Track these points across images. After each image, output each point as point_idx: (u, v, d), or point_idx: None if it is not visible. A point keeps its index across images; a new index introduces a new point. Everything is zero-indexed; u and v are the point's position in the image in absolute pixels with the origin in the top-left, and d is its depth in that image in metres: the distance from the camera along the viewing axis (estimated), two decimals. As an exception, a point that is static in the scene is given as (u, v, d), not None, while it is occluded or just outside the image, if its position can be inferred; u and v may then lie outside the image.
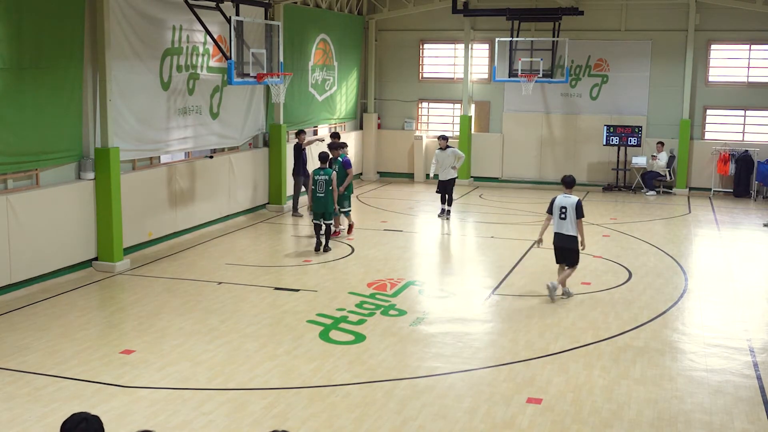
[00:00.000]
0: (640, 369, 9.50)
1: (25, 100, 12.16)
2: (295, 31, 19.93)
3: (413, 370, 9.44)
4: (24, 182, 12.59)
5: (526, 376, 9.22)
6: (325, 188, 14.98)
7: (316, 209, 15.12)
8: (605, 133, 22.84)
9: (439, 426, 7.94)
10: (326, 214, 15.08)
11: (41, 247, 12.55)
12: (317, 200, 15.05)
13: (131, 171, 14.76)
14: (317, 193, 15.04)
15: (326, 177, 15.00)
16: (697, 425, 8.06)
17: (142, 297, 12.31)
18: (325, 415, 8.15)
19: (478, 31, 23.94)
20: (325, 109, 22.35)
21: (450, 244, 16.58)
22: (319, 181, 15.02)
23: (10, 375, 9.14)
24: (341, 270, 14.20)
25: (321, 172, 15.05)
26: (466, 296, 12.67)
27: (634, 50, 22.85)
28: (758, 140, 22.25)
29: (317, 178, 15.05)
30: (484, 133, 24.33)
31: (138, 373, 9.22)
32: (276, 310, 11.69)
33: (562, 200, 12.19)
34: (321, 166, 15.21)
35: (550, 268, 14.21)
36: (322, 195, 14.99)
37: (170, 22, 15.31)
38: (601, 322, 11.25)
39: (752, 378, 9.28)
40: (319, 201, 15.03)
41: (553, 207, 12.27)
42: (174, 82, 15.54)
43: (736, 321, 11.54)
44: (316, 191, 15.05)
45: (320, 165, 15.25)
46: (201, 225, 16.84)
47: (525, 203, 20.80)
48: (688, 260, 15.04)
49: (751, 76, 22.25)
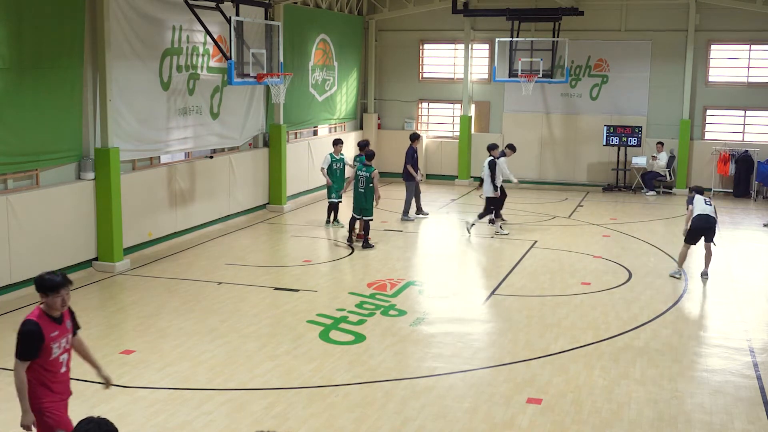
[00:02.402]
0: (640, 369, 9.50)
1: (25, 100, 12.16)
2: (295, 31, 19.94)
3: (413, 371, 9.44)
4: (24, 182, 12.59)
5: (526, 376, 9.22)
6: (365, 184, 15.48)
7: (355, 204, 15.70)
8: (605, 133, 22.84)
9: (439, 426, 7.94)
10: (364, 210, 15.51)
11: (41, 247, 12.54)
12: (357, 195, 15.58)
13: (131, 171, 14.76)
14: (358, 188, 15.59)
15: (367, 174, 15.53)
16: (697, 425, 8.06)
17: (142, 297, 12.32)
18: (325, 415, 8.15)
19: (478, 31, 23.95)
20: (325, 109, 22.35)
21: (450, 245, 16.58)
22: (360, 177, 15.56)
23: (10, 375, 9.10)
24: (341, 270, 14.20)
25: (363, 169, 15.63)
26: (466, 296, 12.68)
27: (634, 50, 22.85)
28: (758, 140, 22.26)
29: (359, 174, 15.62)
30: (484, 133, 24.32)
31: (138, 373, 9.22)
32: (276, 310, 11.69)
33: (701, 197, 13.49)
34: (365, 162, 15.77)
35: (550, 267, 14.24)
36: (363, 191, 15.51)
37: (170, 22, 15.31)
38: (601, 322, 11.25)
39: (752, 378, 9.29)
40: (360, 196, 15.54)
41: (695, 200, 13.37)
42: (174, 82, 15.54)
43: (736, 321, 11.54)
44: (357, 186, 15.58)
45: (365, 162, 15.80)
46: (201, 225, 16.84)
47: (525, 203, 20.79)
48: (688, 260, 15.01)
49: (751, 76, 22.24)
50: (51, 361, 6.07)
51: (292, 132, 20.65)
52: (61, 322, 6.16)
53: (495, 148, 17.26)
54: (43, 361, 6.02)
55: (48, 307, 6.06)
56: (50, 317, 6.06)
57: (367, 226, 15.59)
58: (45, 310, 6.07)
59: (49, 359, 6.05)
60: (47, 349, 6.01)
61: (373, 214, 15.71)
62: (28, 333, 5.96)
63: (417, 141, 18.96)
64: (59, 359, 6.15)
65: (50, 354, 6.04)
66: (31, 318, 6.02)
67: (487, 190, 16.90)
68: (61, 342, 6.13)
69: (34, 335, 5.96)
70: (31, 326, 5.97)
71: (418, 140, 19.10)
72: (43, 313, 6.05)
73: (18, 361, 6.00)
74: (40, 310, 6.06)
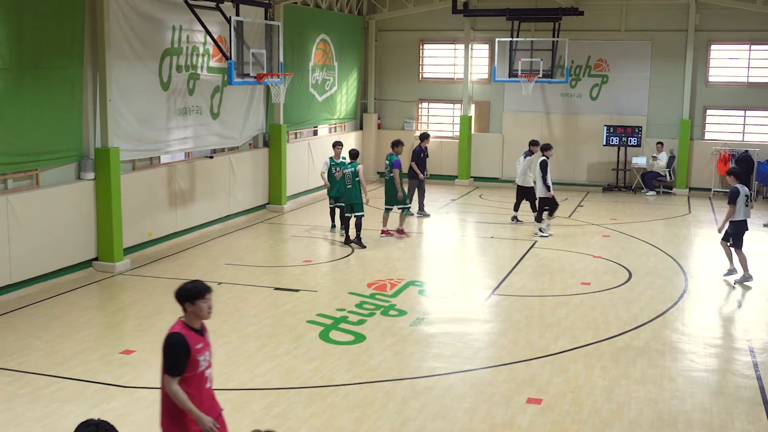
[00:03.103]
0: (640, 369, 9.50)
1: (25, 100, 12.16)
2: (295, 31, 19.94)
3: (413, 371, 9.44)
4: (24, 182, 12.59)
5: (526, 376, 9.22)
6: (353, 180, 15.62)
7: (345, 201, 15.84)
8: (605, 133, 22.84)
9: (439, 426, 7.94)
10: (355, 205, 15.65)
11: (41, 247, 12.54)
12: (346, 192, 15.72)
13: (131, 171, 14.76)
14: (346, 185, 15.73)
15: (352, 169, 15.69)
16: (697, 425, 8.06)
17: (142, 297, 12.31)
18: (325, 415, 8.15)
19: (478, 31, 23.94)
20: (325, 109, 22.35)
21: (450, 244, 16.58)
22: (347, 174, 15.72)
23: (10, 375, 9.14)
24: (341, 270, 14.20)
25: (348, 166, 15.80)
26: (466, 296, 12.68)
27: (634, 50, 22.84)
28: (758, 140, 22.25)
29: (345, 171, 15.77)
30: (484, 134, 24.32)
31: (138, 373, 9.22)
32: (276, 310, 11.69)
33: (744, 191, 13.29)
34: (350, 161, 15.95)
35: (550, 267, 14.24)
36: (350, 186, 15.66)
37: (170, 22, 15.31)
38: (601, 322, 11.25)
39: (752, 378, 9.29)
40: (348, 192, 15.68)
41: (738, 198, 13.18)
42: (174, 82, 15.54)
43: (736, 321, 11.54)
44: (345, 183, 15.76)
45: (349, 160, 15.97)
46: (201, 225, 16.84)
47: (525, 203, 20.76)
48: (688, 260, 15.04)
49: (751, 76, 22.23)
50: (197, 375, 5.71)
51: (292, 132, 20.65)
52: (203, 333, 5.85)
53: (549, 148, 17.09)
54: (189, 376, 5.65)
55: (193, 316, 5.76)
56: (192, 329, 5.75)
57: (359, 223, 15.63)
58: (186, 321, 5.77)
59: (196, 373, 5.69)
60: (194, 362, 5.66)
61: (363, 209, 15.75)
62: (176, 345, 5.62)
63: (426, 140, 19.04)
64: (205, 374, 5.78)
65: (197, 367, 5.69)
66: (175, 330, 5.69)
67: (540, 190, 16.80)
68: (206, 355, 5.80)
69: (182, 347, 5.61)
70: (177, 338, 5.63)
71: (427, 140, 19.16)
72: (185, 325, 5.74)
73: (168, 377, 5.61)
74: (181, 323, 5.77)
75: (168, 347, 5.64)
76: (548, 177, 16.66)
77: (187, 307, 5.77)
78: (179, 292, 5.78)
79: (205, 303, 5.76)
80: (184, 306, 5.78)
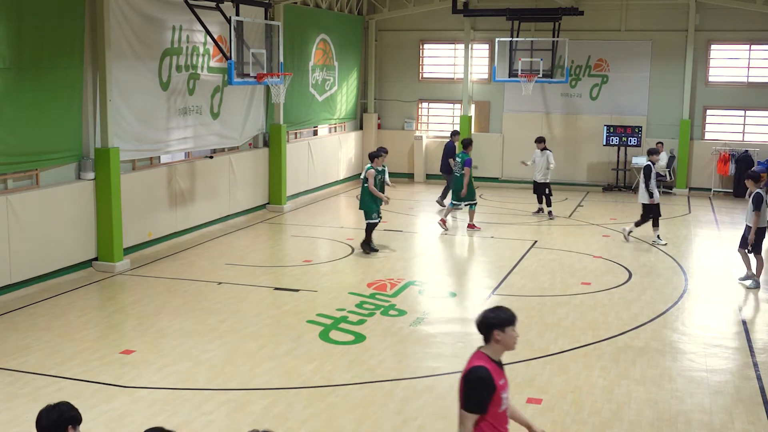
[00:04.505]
0: (640, 369, 9.50)
1: (25, 100, 12.16)
2: (295, 31, 19.94)
3: (413, 371, 9.44)
4: (24, 182, 12.59)
5: (526, 376, 9.22)
6: (362, 185, 15.21)
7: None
8: (605, 133, 22.84)
9: (440, 426, 7.94)
10: (363, 212, 15.22)
11: (41, 247, 12.54)
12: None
13: (131, 171, 14.77)
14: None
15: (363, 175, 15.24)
16: (697, 425, 8.06)
17: (142, 297, 12.32)
18: (325, 415, 8.15)
19: (478, 31, 23.94)
20: (325, 109, 22.36)
21: (450, 244, 16.58)
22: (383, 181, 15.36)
23: (10, 375, 9.14)
24: (341, 270, 14.20)
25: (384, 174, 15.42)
26: (466, 296, 12.68)
27: (634, 50, 22.84)
28: (758, 140, 22.25)
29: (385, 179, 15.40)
30: (484, 133, 24.32)
31: (138, 373, 9.22)
32: (276, 310, 11.69)
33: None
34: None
35: (550, 267, 14.23)
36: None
37: (170, 22, 15.31)
38: (601, 322, 11.25)
39: (752, 378, 9.29)
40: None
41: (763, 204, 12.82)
42: (174, 82, 15.54)
43: (736, 321, 11.54)
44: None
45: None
46: (201, 225, 16.84)
47: (525, 203, 20.78)
48: (688, 260, 15.04)
49: (751, 76, 22.23)
50: (499, 414, 5.08)
51: (292, 132, 20.65)
52: (502, 367, 5.19)
53: (656, 152, 16.46)
54: (490, 416, 5.03)
55: (499, 347, 5.15)
56: (494, 362, 5.12)
57: (367, 228, 15.19)
58: (489, 354, 5.14)
59: (498, 412, 5.06)
60: (497, 400, 5.03)
61: (371, 216, 15.01)
62: (480, 380, 4.99)
63: (456, 137, 19.92)
64: (505, 413, 5.14)
65: (499, 406, 5.05)
66: (480, 364, 5.05)
67: (642, 197, 16.09)
68: (507, 392, 5.16)
69: (487, 383, 4.98)
70: (483, 372, 4.99)
71: (457, 136, 20.04)
72: (488, 358, 5.12)
73: (465, 414, 5.02)
74: (483, 355, 5.14)
75: (470, 383, 5.03)
76: (652, 183, 15.91)
77: (495, 336, 5.14)
78: (486, 320, 5.17)
79: (515, 331, 5.18)
80: (491, 335, 5.15)
